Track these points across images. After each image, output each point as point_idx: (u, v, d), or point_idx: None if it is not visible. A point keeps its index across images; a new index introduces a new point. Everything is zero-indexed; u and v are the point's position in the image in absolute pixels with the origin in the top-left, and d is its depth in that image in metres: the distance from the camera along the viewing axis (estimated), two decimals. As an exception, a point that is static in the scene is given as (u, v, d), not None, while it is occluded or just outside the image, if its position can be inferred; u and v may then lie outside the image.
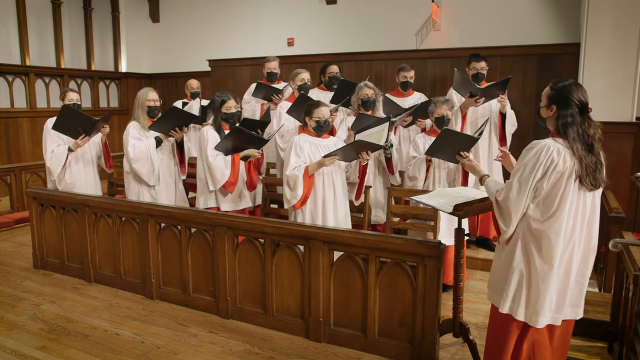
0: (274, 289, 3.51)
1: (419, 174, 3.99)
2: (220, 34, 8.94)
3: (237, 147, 4.10)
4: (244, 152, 4.12)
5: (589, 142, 2.19)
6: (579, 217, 2.24)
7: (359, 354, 3.19)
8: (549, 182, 2.19)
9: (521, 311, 2.31)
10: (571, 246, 2.24)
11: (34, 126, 8.17)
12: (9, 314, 3.78)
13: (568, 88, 2.23)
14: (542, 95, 2.35)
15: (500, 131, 4.76)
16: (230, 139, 4.02)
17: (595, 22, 4.73)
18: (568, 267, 2.26)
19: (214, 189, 4.12)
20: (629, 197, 4.65)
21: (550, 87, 2.30)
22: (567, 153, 2.17)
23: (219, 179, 4.07)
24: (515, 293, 2.32)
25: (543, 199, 2.23)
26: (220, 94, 4.24)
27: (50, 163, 4.59)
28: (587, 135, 2.19)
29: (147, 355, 3.19)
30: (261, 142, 4.17)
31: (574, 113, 2.21)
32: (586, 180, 2.18)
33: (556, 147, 2.18)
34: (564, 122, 2.21)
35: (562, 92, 2.24)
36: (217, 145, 4.04)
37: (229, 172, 4.06)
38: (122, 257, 4.25)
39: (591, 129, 2.21)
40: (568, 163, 2.17)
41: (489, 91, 4.52)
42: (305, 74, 4.97)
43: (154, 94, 4.45)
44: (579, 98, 2.21)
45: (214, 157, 4.05)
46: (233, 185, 4.10)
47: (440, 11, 6.89)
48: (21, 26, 8.03)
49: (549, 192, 2.21)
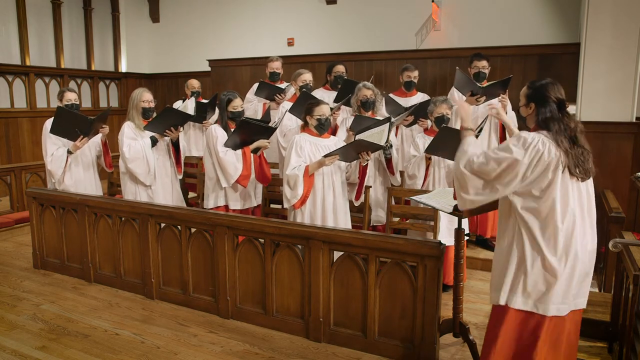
0: (274, 289, 3.51)
1: (419, 172, 3.99)
2: (220, 34, 8.94)
3: (245, 141, 4.07)
4: (254, 144, 4.09)
5: (572, 134, 2.24)
6: (577, 207, 2.25)
7: (359, 354, 3.19)
8: (533, 172, 2.21)
9: (518, 299, 2.29)
10: (574, 236, 2.24)
11: (34, 126, 8.17)
12: (9, 314, 3.78)
13: (545, 86, 2.30)
14: (521, 95, 2.41)
15: (501, 132, 4.76)
16: (238, 133, 4.00)
17: (595, 22, 4.72)
18: (573, 258, 2.25)
19: (227, 185, 4.09)
20: (629, 197, 4.64)
21: (528, 86, 2.37)
22: (551, 144, 2.20)
23: (232, 174, 4.04)
24: (511, 283, 2.31)
25: (530, 188, 2.24)
26: (227, 92, 4.23)
27: (50, 166, 4.58)
28: (569, 128, 2.24)
29: (147, 355, 3.19)
30: (269, 130, 4.12)
31: (552, 109, 2.27)
32: (576, 170, 2.21)
33: (540, 138, 2.21)
34: (544, 117, 2.26)
35: (540, 91, 2.30)
36: (226, 142, 4.03)
37: (241, 165, 4.04)
38: (122, 257, 4.25)
39: (572, 123, 2.26)
40: (553, 153, 2.19)
41: (490, 90, 4.53)
42: (307, 74, 4.97)
43: (149, 94, 4.45)
44: (556, 95, 2.28)
45: (224, 152, 4.03)
46: (247, 178, 4.08)
47: (440, 11, 6.89)
48: (21, 26, 8.03)
49: (535, 181, 2.22)
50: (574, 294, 2.30)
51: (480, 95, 4.53)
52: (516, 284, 2.30)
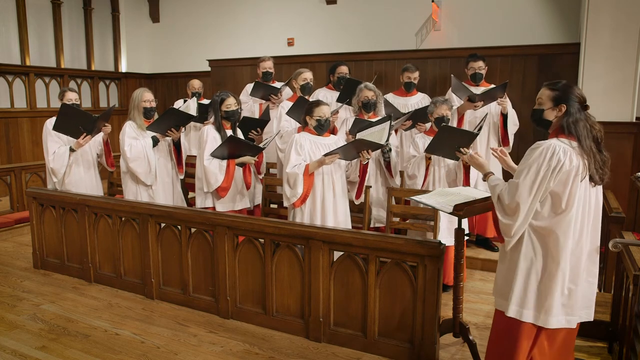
0: (274, 289, 3.51)
1: (418, 172, 3.99)
2: (220, 34, 8.94)
3: (233, 154, 4.11)
4: (240, 160, 4.13)
5: (598, 137, 2.21)
6: (586, 214, 2.23)
7: (359, 354, 3.19)
8: (555, 182, 2.17)
9: (528, 313, 2.27)
10: (581, 245, 2.23)
11: (34, 126, 8.17)
12: (9, 314, 3.78)
13: (569, 86, 2.25)
14: (543, 98, 2.32)
15: (502, 132, 4.75)
16: (226, 147, 4.04)
17: (595, 22, 4.73)
18: (577, 266, 2.24)
19: (207, 190, 4.14)
20: (629, 197, 4.64)
21: (551, 88, 2.29)
22: (572, 152, 2.16)
23: (212, 183, 4.08)
24: (522, 295, 2.28)
25: (550, 198, 2.21)
26: (219, 92, 4.26)
27: (53, 164, 4.58)
28: (594, 129, 2.21)
29: (147, 355, 3.19)
30: (257, 150, 4.19)
31: (579, 110, 2.22)
32: (596, 175, 2.18)
33: (562, 147, 2.16)
34: (574, 120, 2.20)
35: (566, 91, 2.24)
36: (214, 151, 4.05)
37: (222, 177, 4.07)
38: (122, 257, 4.25)
39: (596, 125, 2.23)
40: (574, 162, 2.15)
41: (487, 96, 4.51)
42: (307, 73, 4.97)
43: (149, 94, 4.45)
44: (580, 94, 2.24)
45: (209, 160, 4.06)
46: (225, 190, 4.12)
47: (440, 11, 6.89)
48: (21, 26, 8.02)
49: (555, 192, 2.19)
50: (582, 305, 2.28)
51: (477, 101, 4.52)
52: (525, 296, 2.27)
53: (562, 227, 2.19)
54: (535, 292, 2.26)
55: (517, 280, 2.29)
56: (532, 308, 2.27)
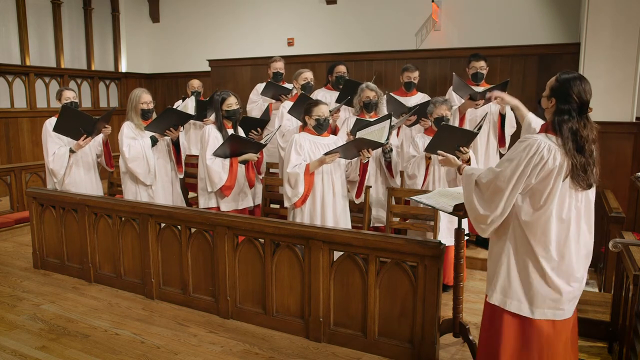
0: (274, 289, 3.51)
1: (418, 172, 3.99)
2: (220, 34, 8.94)
3: (235, 152, 4.11)
4: (242, 157, 4.14)
5: (581, 143, 2.15)
6: (572, 214, 2.22)
7: (359, 354, 3.19)
8: (537, 178, 2.18)
9: (510, 302, 2.29)
10: (567, 242, 2.22)
11: (34, 126, 8.17)
12: (9, 314, 3.78)
13: (571, 82, 2.20)
14: (547, 85, 2.30)
15: (500, 132, 4.76)
16: (228, 145, 4.04)
17: (595, 22, 4.73)
18: (566, 263, 2.23)
19: (211, 190, 4.14)
20: (629, 197, 4.64)
21: (556, 78, 2.26)
22: (557, 151, 2.15)
23: (216, 182, 4.09)
24: (505, 284, 2.31)
25: (531, 193, 2.22)
26: (220, 92, 4.25)
27: (52, 165, 4.58)
28: (580, 135, 2.15)
29: (147, 355, 3.19)
30: (259, 146, 4.20)
31: (571, 109, 2.18)
32: (577, 179, 2.17)
33: (547, 144, 2.15)
34: (560, 120, 2.18)
35: (564, 86, 2.20)
36: (216, 151, 4.06)
37: (226, 176, 4.08)
38: (122, 257, 4.25)
39: (585, 130, 2.17)
40: (558, 161, 2.15)
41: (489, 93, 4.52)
42: (307, 73, 4.97)
43: (147, 95, 4.44)
44: (579, 95, 2.17)
45: (212, 160, 4.07)
46: (229, 189, 4.13)
47: (440, 11, 6.89)
48: (21, 26, 8.03)
49: (537, 188, 2.20)
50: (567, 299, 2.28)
51: (479, 99, 4.52)
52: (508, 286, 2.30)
53: (542, 222, 2.20)
54: (518, 283, 2.29)
55: (501, 270, 2.32)
56: (515, 298, 2.29)
